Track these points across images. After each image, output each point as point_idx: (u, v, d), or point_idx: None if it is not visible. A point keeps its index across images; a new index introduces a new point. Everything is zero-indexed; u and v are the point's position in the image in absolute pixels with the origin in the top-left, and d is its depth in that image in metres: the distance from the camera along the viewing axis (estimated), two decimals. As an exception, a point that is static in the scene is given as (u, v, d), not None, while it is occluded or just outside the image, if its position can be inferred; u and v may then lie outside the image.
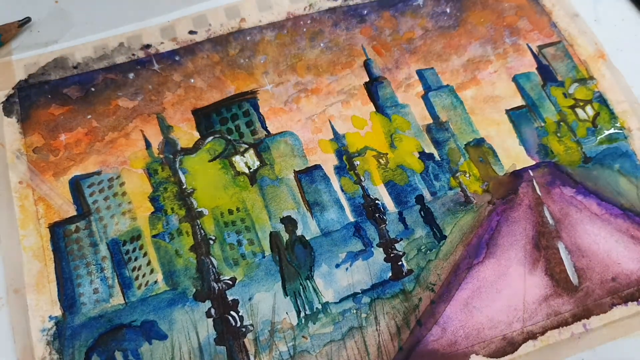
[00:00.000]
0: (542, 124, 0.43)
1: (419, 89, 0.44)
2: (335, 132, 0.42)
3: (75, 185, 0.39)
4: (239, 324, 0.36)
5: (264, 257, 0.38)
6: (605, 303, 0.37)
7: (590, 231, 0.39)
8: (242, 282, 0.37)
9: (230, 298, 0.36)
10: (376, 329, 0.36)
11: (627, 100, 0.44)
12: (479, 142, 0.42)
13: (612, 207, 0.40)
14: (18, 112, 0.41)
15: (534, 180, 0.41)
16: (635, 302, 0.37)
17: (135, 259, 0.37)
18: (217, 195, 0.39)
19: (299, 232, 0.38)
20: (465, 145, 0.42)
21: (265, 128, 0.42)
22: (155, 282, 0.36)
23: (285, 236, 0.38)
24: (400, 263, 0.38)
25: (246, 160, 0.41)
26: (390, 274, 0.37)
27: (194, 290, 0.36)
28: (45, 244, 0.37)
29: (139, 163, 0.40)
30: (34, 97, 0.41)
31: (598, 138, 0.42)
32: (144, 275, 0.37)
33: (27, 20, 0.44)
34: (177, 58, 0.43)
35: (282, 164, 0.40)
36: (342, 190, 0.40)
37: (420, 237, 0.38)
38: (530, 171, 0.41)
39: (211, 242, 0.38)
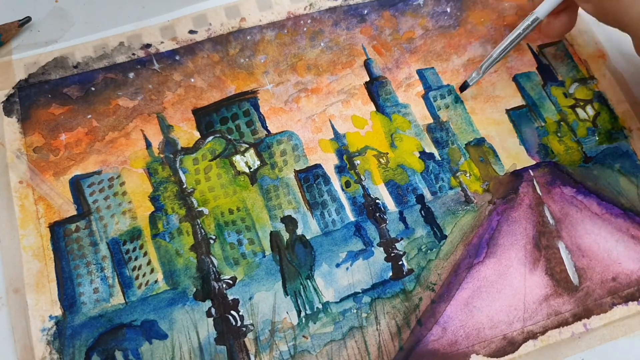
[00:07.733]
0: (543, 124, 0.43)
1: (419, 88, 0.44)
2: (335, 132, 0.42)
3: (76, 185, 0.39)
4: (239, 323, 0.35)
5: (264, 256, 0.38)
6: (605, 303, 0.37)
7: (591, 231, 0.39)
8: (243, 282, 0.37)
9: (230, 297, 0.36)
10: (376, 329, 0.36)
11: (627, 100, 0.44)
12: (479, 142, 0.42)
13: (613, 207, 0.40)
14: (18, 112, 0.41)
15: (534, 180, 0.41)
16: (635, 302, 0.37)
17: (136, 259, 0.37)
18: (217, 194, 0.39)
19: (299, 232, 0.38)
20: (466, 145, 0.42)
21: (265, 127, 0.42)
22: (156, 281, 0.36)
23: (285, 235, 0.38)
24: (400, 262, 0.38)
25: (246, 160, 0.40)
26: (390, 274, 0.37)
27: (194, 289, 0.36)
28: (45, 243, 0.37)
29: (139, 163, 0.40)
30: (34, 96, 0.41)
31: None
32: (144, 275, 0.37)
33: (27, 19, 0.44)
34: (177, 57, 0.43)
35: (282, 163, 0.40)
36: (343, 190, 0.40)
37: (421, 236, 0.38)
38: (530, 171, 0.41)
39: (211, 241, 0.38)
